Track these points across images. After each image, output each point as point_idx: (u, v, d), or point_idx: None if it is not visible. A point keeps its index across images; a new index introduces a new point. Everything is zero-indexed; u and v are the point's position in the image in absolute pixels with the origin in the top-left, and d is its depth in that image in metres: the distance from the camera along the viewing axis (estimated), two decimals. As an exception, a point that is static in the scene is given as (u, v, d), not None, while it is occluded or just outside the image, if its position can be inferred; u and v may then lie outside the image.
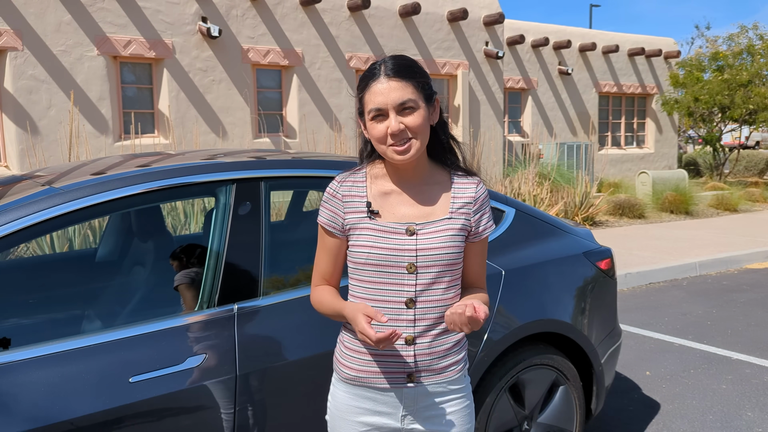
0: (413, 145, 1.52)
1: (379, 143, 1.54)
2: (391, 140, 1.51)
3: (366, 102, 1.53)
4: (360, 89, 1.56)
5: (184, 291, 2.18)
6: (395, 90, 1.50)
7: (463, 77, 12.38)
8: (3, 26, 8.26)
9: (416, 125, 1.51)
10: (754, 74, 15.90)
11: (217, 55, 9.92)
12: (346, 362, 1.65)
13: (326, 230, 1.65)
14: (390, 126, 1.50)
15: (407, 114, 1.51)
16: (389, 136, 1.51)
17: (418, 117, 1.52)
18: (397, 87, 1.50)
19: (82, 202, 1.94)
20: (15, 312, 2.19)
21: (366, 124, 1.56)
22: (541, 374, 2.66)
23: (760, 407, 3.68)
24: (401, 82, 1.51)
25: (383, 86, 1.50)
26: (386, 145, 1.53)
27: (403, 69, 1.53)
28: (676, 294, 6.44)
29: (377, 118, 1.52)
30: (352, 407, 1.65)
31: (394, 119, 1.50)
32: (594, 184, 11.04)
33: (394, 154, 1.53)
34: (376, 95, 1.51)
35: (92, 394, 1.79)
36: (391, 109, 1.50)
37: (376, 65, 1.54)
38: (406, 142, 1.51)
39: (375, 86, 1.51)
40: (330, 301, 1.64)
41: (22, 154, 8.51)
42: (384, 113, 1.51)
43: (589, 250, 2.96)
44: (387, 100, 1.50)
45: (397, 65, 1.53)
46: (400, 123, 1.50)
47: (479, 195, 1.65)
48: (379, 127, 1.52)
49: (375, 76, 1.52)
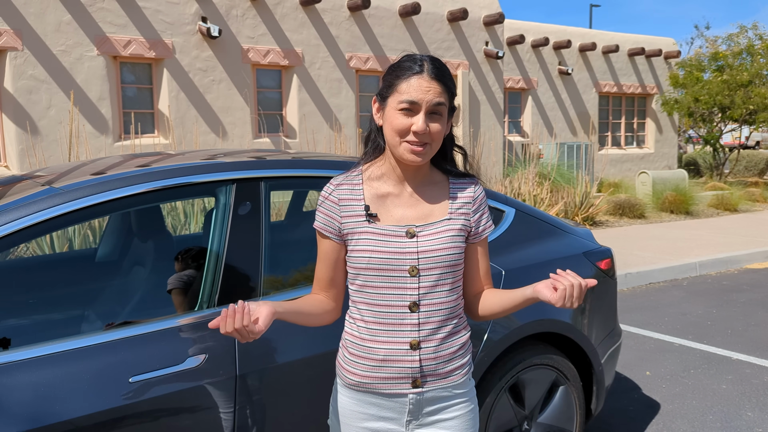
0: (428, 150, 1.52)
1: (395, 135, 1.52)
2: (413, 138, 1.50)
3: (400, 90, 1.50)
4: (395, 75, 1.52)
5: (176, 295, 2.18)
6: (435, 92, 1.50)
7: (463, 77, 12.38)
8: (3, 26, 8.26)
9: (437, 132, 1.52)
10: (754, 74, 15.90)
11: (217, 55, 9.92)
12: (350, 368, 1.62)
13: (323, 235, 1.63)
14: (417, 124, 1.48)
15: (435, 119, 1.51)
16: (412, 133, 1.50)
17: (441, 125, 1.52)
18: (438, 90, 1.50)
19: (82, 202, 1.93)
20: (15, 312, 2.19)
21: (388, 110, 1.53)
22: (541, 374, 2.65)
23: (760, 407, 3.68)
24: (441, 87, 1.51)
25: (426, 83, 1.49)
26: (402, 139, 1.51)
27: (445, 75, 1.53)
28: (676, 294, 6.44)
29: (405, 111, 1.50)
30: (356, 413, 1.63)
31: (423, 119, 1.49)
32: (594, 184, 11.03)
33: (406, 153, 1.51)
34: (416, 89, 1.49)
35: (92, 394, 1.78)
36: (425, 107, 1.49)
37: (418, 59, 1.52)
38: (422, 145, 1.51)
39: (417, 80, 1.49)
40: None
41: (22, 154, 8.51)
42: (415, 109, 1.49)
43: (589, 250, 2.95)
44: (424, 98, 1.49)
45: (441, 70, 1.52)
46: (426, 125, 1.49)
47: (477, 195, 1.65)
48: (404, 120, 1.50)
49: (419, 71, 1.50)
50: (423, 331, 1.57)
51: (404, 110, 1.50)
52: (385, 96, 1.55)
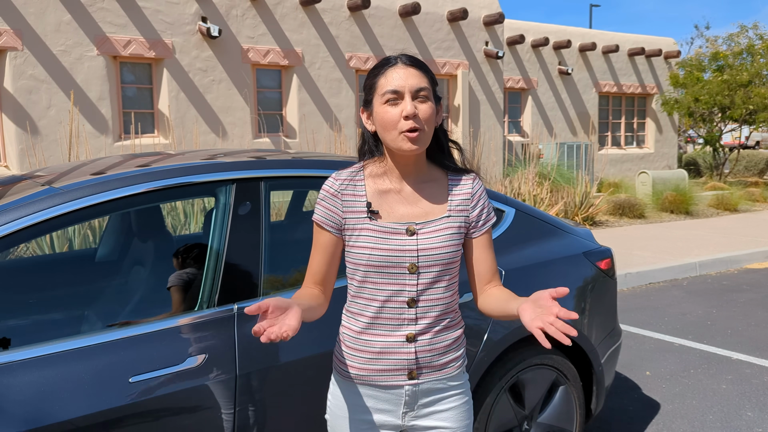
0: (422, 135, 1.53)
1: (389, 129, 1.53)
2: (405, 124, 1.50)
3: (380, 85, 1.54)
4: (373, 75, 1.57)
5: (174, 293, 2.18)
6: (413, 76, 1.53)
7: (463, 77, 12.38)
8: (3, 26, 8.26)
9: (428, 115, 1.53)
10: (754, 74, 15.90)
11: (217, 55, 9.92)
12: (347, 361, 1.64)
13: (322, 228, 1.64)
14: (405, 108, 1.50)
15: (421, 102, 1.53)
16: (403, 118, 1.51)
17: (430, 108, 1.54)
18: (415, 74, 1.53)
19: (82, 202, 1.94)
20: (15, 312, 2.18)
21: (376, 110, 1.56)
22: (541, 374, 2.66)
23: (760, 407, 3.68)
24: (419, 71, 1.54)
25: (402, 71, 1.53)
26: (398, 130, 1.52)
27: (420, 63, 1.57)
28: (676, 294, 6.44)
29: (391, 102, 1.52)
30: (352, 405, 1.65)
31: (410, 103, 1.51)
32: (594, 184, 11.03)
33: (404, 143, 1.52)
34: (394, 79, 1.52)
35: (92, 394, 1.78)
36: (408, 93, 1.52)
37: (391, 57, 1.58)
38: (416, 131, 1.51)
39: (393, 71, 1.53)
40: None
41: (22, 154, 8.51)
42: (400, 96, 1.52)
43: (589, 250, 2.96)
44: (405, 84, 1.52)
45: (413, 58, 1.57)
46: (414, 107, 1.51)
47: (476, 190, 1.65)
48: (392, 111, 1.52)
49: (393, 64, 1.55)
50: (420, 325, 1.60)
51: (390, 102, 1.52)
52: (369, 99, 1.58)
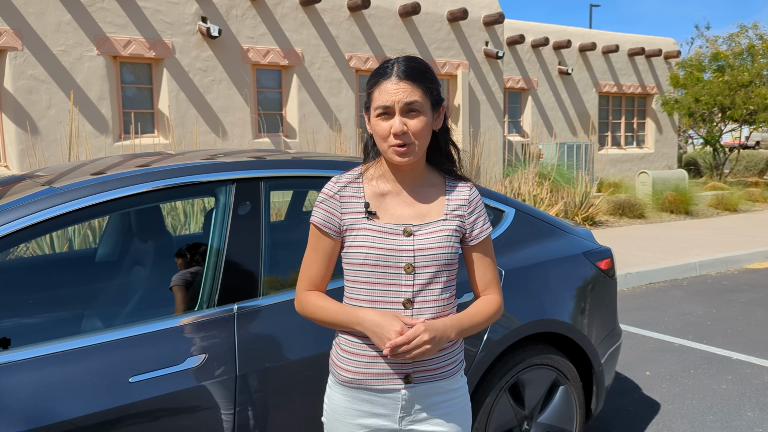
0: (413, 148, 1.55)
1: (381, 141, 1.57)
2: (393, 140, 1.54)
3: (374, 98, 1.56)
4: (370, 85, 1.59)
5: (177, 292, 2.18)
6: (404, 92, 1.53)
7: (463, 77, 12.38)
8: (3, 26, 8.26)
9: (418, 130, 1.54)
10: (754, 74, 15.90)
11: (217, 55, 9.92)
12: (343, 365, 1.64)
13: (321, 231, 1.65)
14: (394, 126, 1.53)
15: (412, 117, 1.54)
16: (392, 135, 1.54)
17: (421, 122, 1.55)
18: (407, 89, 1.53)
19: (82, 202, 1.94)
20: (15, 312, 2.19)
21: (371, 119, 1.59)
22: (541, 374, 2.66)
23: (760, 407, 3.68)
24: (411, 85, 1.54)
25: (393, 86, 1.53)
26: (387, 144, 1.56)
27: (416, 73, 1.55)
28: (676, 294, 6.44)
29: (383, 116, 1.55)
30: (349, 409, 1.64)
31: (399, 120, 1.53)
32: (594, 184, 11.03)
33: (393, 155, 1.56)
34: (385, 94, 1.53)
35: (92, 394, 1.79)
36: (398, 109, 1.53)
37: (389, 64, 1.57)
38: (406, 145, 1.54)
39: (385, 85, 1.54)
40: (337, 309, 1.61)
41: (22, 154, 8.51)
42: (390, 112, 1.54)
43: (589, 250, 2.96)
44: (395, 99, 1.53)
45: (410, 68, 1.55)
46: (403, 125, 1.53)
47: (472, 198, 1.68)
48: (384, 125, 1.55)
49: (387, 75, 1.55)
50: None
51: (381, 116, 1.55)
52: (368, 107, 1.61)
